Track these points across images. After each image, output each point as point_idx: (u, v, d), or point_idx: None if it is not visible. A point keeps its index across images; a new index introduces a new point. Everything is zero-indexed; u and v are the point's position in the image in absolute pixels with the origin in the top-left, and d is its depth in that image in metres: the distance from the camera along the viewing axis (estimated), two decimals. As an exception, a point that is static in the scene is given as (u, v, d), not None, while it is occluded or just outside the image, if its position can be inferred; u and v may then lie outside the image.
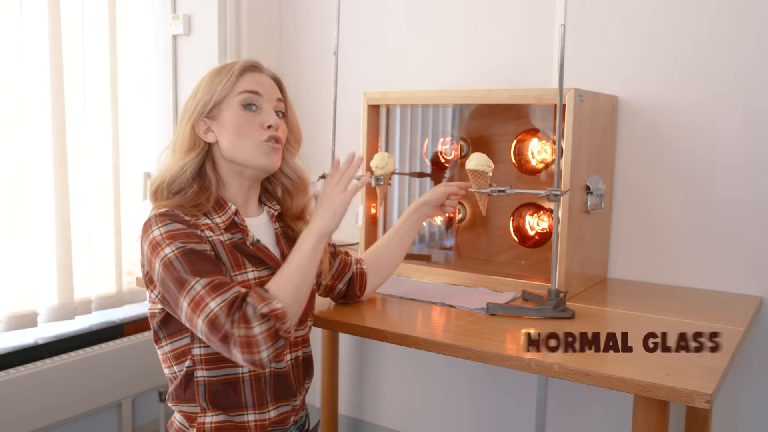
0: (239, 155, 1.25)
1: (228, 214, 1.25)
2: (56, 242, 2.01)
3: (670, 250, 1.87)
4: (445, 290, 1.73)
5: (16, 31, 1.94)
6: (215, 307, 1.08)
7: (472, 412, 2.27)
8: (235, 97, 1.24)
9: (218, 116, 1.25)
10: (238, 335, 1.07)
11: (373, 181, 1.88)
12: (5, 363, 1.98)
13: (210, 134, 1.26)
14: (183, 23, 2.38)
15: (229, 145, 1.25)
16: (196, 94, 1.27)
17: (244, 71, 1.26)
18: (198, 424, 1.22)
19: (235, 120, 1.24)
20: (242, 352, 1.07)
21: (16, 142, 1.97)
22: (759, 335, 1.76)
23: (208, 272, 1.12)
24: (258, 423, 1.23)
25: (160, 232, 1.15)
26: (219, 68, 1.28)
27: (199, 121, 1.25)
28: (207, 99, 1.25)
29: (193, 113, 1.25)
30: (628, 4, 1.88)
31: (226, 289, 1.10)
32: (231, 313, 1.07)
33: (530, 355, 1.25)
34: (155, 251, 1.14)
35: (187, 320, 1.12)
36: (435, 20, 2.22)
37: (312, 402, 2.57)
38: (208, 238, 1.19)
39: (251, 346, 1.07)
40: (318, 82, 2.47)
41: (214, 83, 1.25)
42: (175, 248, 1.13)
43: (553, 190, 1.49)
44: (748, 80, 1.74)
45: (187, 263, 1.12)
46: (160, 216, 1.18)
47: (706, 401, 1.07)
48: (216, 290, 1.09)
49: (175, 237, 1.14)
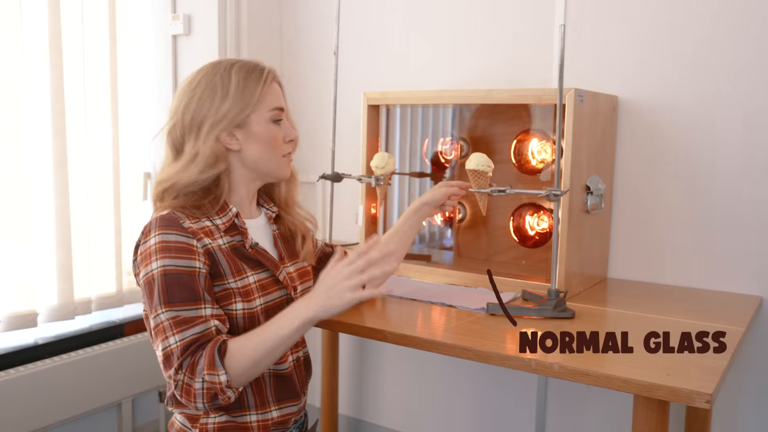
0: (265, 167, 1.27)
1: (229, 216, 1.25)
2: (56, 242, 2.01)
3: (670, 250, 1.87)
4: (445, 290, 1.73)
5: (16, 31, 1.94)
6: (173, 343, 1.10)
7: (472, 412, 2.27)
8: (268, 112, 1.24)
9: (247, 126, 1.23)
10: (181, 380, 1.09)
11: (373, 181, 1.88)
12: (5, 363, 1.98)
13: (235, 142, 1.24)
14: (183, 23, 2.39)
15: (256, 157, 1.25)
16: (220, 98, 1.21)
17: (271, 81, 1.26)
18: (201, 424, 1.21)
19: (268, 134, 1.25)
20: (181, 396, 1.11)
21: (16, 142, 1.97)
22: (759, 335, 1.76)
23: (180, 300, 1.12)
24: (260, 423, 1.23)
25: (155, 240, 1.15)
26: (247, 71, 1.23)
27: (227, 132, 1.22)
28: (240, 108, 1.21)
29: (222, 122, 1.21)
30: (628, 4, 1.88)
31: (188, 326, 1.11)
32: (183, 355, 1.09)
33: (530, 355, 1.25)
34: (144, 261, 1.16)
35: (151, 337, 1.16)
36: (435, 20, 2.22)
37: (312, 402, 2.57)
38: (206, 246, 1.18)
39: (189, 395, 1.10)
40: (318, 82, 2.47)
41: (247, 91, 1.22)
42: (161, 266, 1.13)
43: (553, 190, 1.49)
44: (748, 80, 1.74)
45: (163, 288, 1.12)
46: (161, 220, 1.17)
47: (706, 401, 1.07)
48: (178, 326, 1.11)
49: (165, 250, 1.14)
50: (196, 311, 1.13)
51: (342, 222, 2.38)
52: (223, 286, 1.19)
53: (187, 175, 1.20)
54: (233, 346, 1.11)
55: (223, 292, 1.19)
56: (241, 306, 1.20)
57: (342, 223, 2.39)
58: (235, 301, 1.19)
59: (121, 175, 2.22)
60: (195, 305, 1.13)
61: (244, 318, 1.20)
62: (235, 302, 1.19)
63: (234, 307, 1.19)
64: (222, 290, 1.19)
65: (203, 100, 1.21)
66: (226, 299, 1.19)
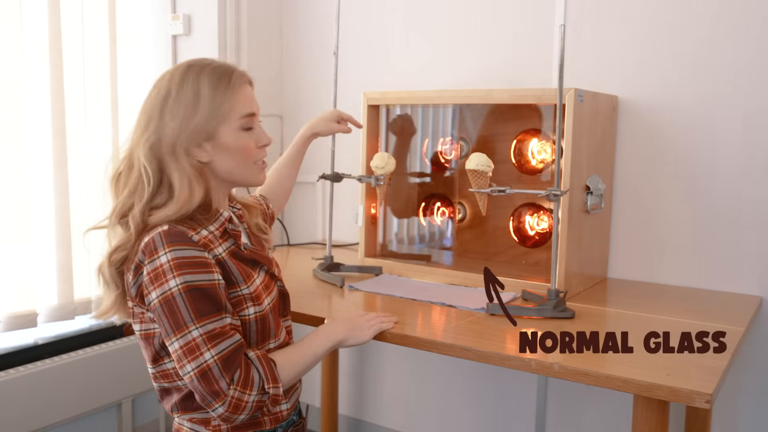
0: (238, 176, 1.23)
1: (221, 221, 1.21)
2: (56, 242, 2.01)
3: (670, 250, 1.87)
4: (445, 290, 1.73)
5: (16, 31, 1.94)
6: (209, 358, 1.07)
7: (472, 412, 2.27)
8: (237, 121, 1.18)
9: (216, 137, 1.17)
10: (232, 395, 1.08)
11: (373, 181, 1.88)
12: (5, 363, 1.98)
13: (204, 155, 1.18)
14: (183, 23, 2.39)
15: (229, 168, 1.20)
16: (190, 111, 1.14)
17: (240, 86, 1.19)
18: (213, 427, 1.19)
19: (238, 145, 1.19)
20: (226, 410, 1.08)
21: (16, 142, 1.97)
22: (759, 335, 1.76)
23: (210, 313, 1.09)
24: (272, 417, 1.23)
25: (167, 258, 1.08)
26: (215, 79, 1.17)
27: (197, 144, 1.16)
28: (208, 120, 1.15)
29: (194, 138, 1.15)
30: (628, 4, 1.88)
31: (224, 338, 1.09)
32: (228, 369, 1.08)
33: (530, 355, 1.25)
34: (158, 281, 1.08)
35: (175, 358, 1.10)
36: (435, 20, 2.22)
37: (312, 402, 2.57)
38: (216, 256, 1.15)
39: (238, 410, 1.09)
40: (318, 82, 2.47)
41: (216, 102, 1.16)
42: (181, 282, 1.08)
43: (553, 190, 1.49)
44: (748, 80, 1.74)
45: (190, 303, 1.08)
46: (167, 236, 1.10)
47: (706, 401, 1.07)
48: (213, 340, 1.08)
49: (183, 267, 1.08)
50: (223, 321, 1.11)
51: (342, 222, 2.38)
52: (235, 293, 1.17)
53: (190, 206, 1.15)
54: (279, 360, 1.17)
55: (235, 299, 1.17)
56: (253, 310, 1.19)
57: (342, 223, 2.39)
58: (247, 306, 1.18)
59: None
60: (219, 316, 1.11)
61: (257, 321, 1.19)
62: (247, 307, 1.18)
63: (247, 312, 1.18)
64: (234, 297, 1.17)
65: (179, 116, 1.15)
66: (239, 306, 1.17)
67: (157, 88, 1.20)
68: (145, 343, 1.19)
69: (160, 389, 1.23)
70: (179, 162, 1.15)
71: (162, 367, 1.19)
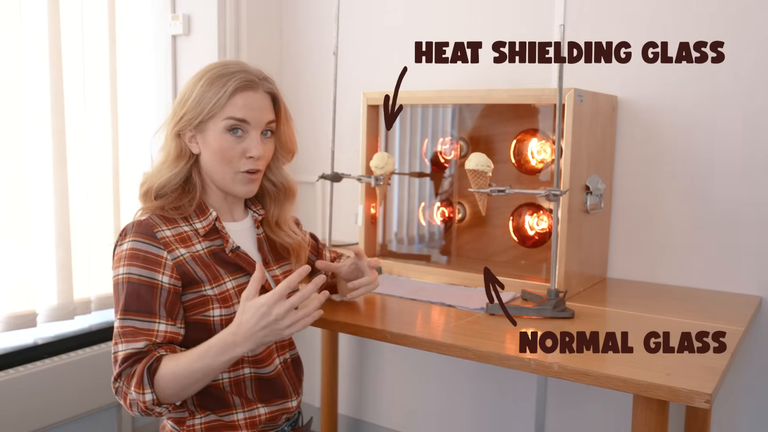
0: (217, 179, 1.25)
1: (209, 220, 1.24)
2: (56, 242, 2.01)
3: (669, 250, 1.87)
4: (445, 290, 1.73)
5: (16, 31, 1.94)
6: (120, 350, 1.13)
7: (472, 412, 2.27)
8: (222, 121, 1.20)
9: (204, 132, 1.23)
10: (120, 387, 1.13)
11: (373, 181, 1.88)
12: (5, 363, 1.98)
13: (195, 145, 1.25)
14: (183, 23, 2.38)
15: (209, 165, 1.25)
16: (184, 102, 1.23)
17: (237, 90, 1.20)
18: (187, 426, 1.21)
19: (219, 144, 1.21)
20: (120, 398, 1.14)
21: (16, 142, 1.97)
22: (759, 335, 1.76)
23: (135, 311, 1.14)
24: (248, 420, 1.23)
25: (127, 246, 1.17)
26: (214, 76, 1.21)
27: (185, 131, 1.24)
28: (195, 113, 1.21)
29: (179, 122, 1.23)
30: (628, 4, 1.88)
31: (133, 339, 1.13)
32: (122, 365, 1.12)
33: (530, 355, 1.25)
34: (115, 264, 1.18)
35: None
36: (435, 20, 2.22)
37: (312, 402, 2.57)
38: (178, 258, 1.18)
39: (125, 402, 1.14)
40: (318, 82, 2.47)
41: (206, 97, 1.20)
42: (126, 273, 1.15)
43: (552, 190, 1.49)
44: (748, 80, 1.74)
45: (125, 294, 1.15)
46: (137, 226, 1.19)
47: (706, 401, 1.07)
48: (125, 336, 1.14)
49: (134, 258, 1.16)
50: (149, 324, 1.14)
51: (342, 222, 2.38)
52: (199, 293, 1.19)
53: (159, 173, 1.25)
54: (164, 369, 1.10)
55: (199, 299, 1.19)
56: (219, 312, 1.19)
57: (342, 223, 2.38)
58: (213, 308, 1.19)
59: (120, 175, 2.22)
60: (150, 318, 1.14)
61: (221, 324, 1.19)
62: (212, 308, 1.19)
63: (211, 313, 1.19)
64: (198, 297, 1.19)
65: (177, 103, 1.25)
66: (203, 305, 1.19)
67: None
68: None
69: None
70: (166, 140, 1.26)
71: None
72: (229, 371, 1.22)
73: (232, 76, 1.21)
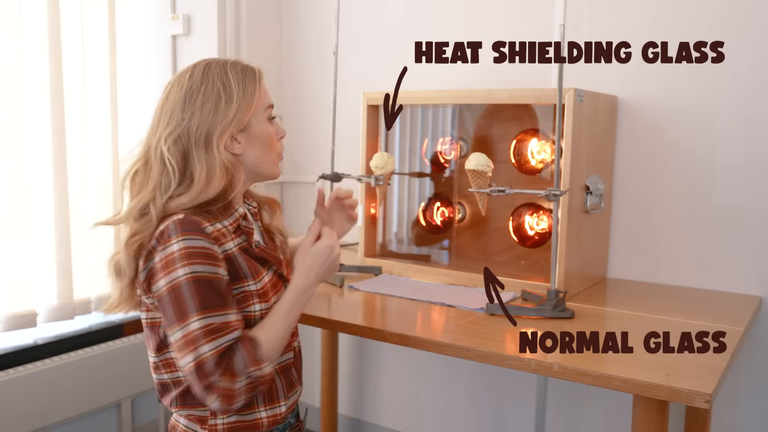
0: (264, 168, 1.25)
1: (235, 216, 1.22)
2: (55, 242, 2.01)
3: (669, 250, 1.87)
4: (445, 290, 1.73)
5: (16, 31, 1.94)
6: (206, 352, 1.07)
7: (472, 412, 2.27)
8: (264, 111, 1.22)
9: (248, 128, 1.20)
10: (221, 386, 1.07)
11: (373, 181, 1.88)
12: (5, 363, 1.98)
13: (237, 146, 1.20)
14: (182, 23, 2.38)
15: (257, 159, 1.23)
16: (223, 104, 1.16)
17: (261, 79, 1.23)
18: (210, 426, 1.20)
19: (266, 134, 1.23)
20: (221, 402, 1.08)
21: (16, 142, 1.97)
22: (759, 335, 1.76)
23: (214, 306, 1.09)
24: (270, 419, 1.23)
25: (179, 246, 1.09)
26: (238, 70, 1.20)
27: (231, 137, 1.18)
28: (243, 112, 1.18)
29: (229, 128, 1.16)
30: (628, 4, 1.88)
31: (222, 334, 1.09)
32: (220, 362, 1.07)
33: (530, 355, 1.25)
34: (167, 268, 1.09)
35: (176, 348, 1.10)
36: (435, 20, 2.22)
37: (312, 402, 2.57)
38: (226, 252, 1.16)
39: (230, 399, 1.09)
40: (318, 82, 2.47)
41: (248, 91, 1.19)
42: (189, 272, 1.08)
43: (552, 190, 1.49)
44: (748, 81, 1.74)
45: (196, 294, 1.08)
46: (182, 224, 1.11)
47: (706, 401, 1.07)
48: (212, 334, 1.08)
49: (192, 256, 1.09)
50: (227, 317, 1.11)
51: (342, 222, 2.38)
52: (241, 289, 1.17)
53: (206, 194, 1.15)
54: (260, 338, 1.14)
55: (241, 295, 1.17)
56: (260, 307, 1.19)
57: (342, 223, 2.38)
58: (254, 303, 1.18)
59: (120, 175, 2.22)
60: (226, 311, 1.11)
61: (261, 318, 1.19)
62: (253, 303, 1.18)
63: (252, 308, 1.18)
64: (240, 293, 1.17)
65: (207, 107, 1.16)
66: (245, 301, 1.17)
67: (177, 87, 1.21)
68: (150, 332, 1.20)
69: (160, 384, 1.24)
70: (210, 153, 1.16)
71: (166, 356, 1.20)
72: None
73: (246, 66, 1.23)
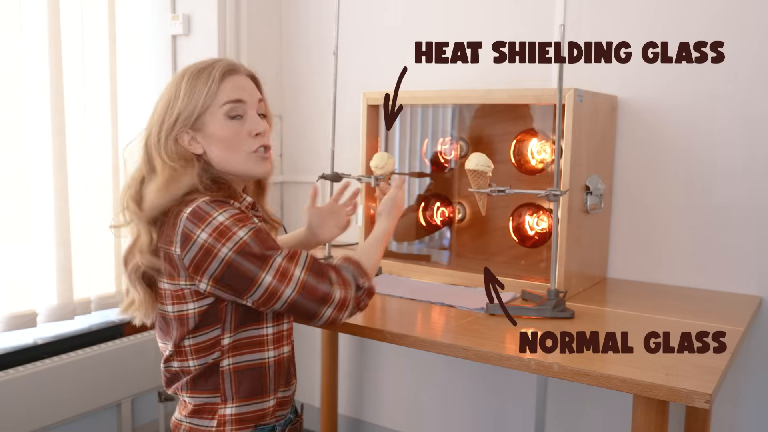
0: (232, 167, 1.23)
1: (245, 203, 1.25)
2: (56, 242, 2.01)
3: (669, 250, 1.87)
4: (445, 290, 1.73)
5: (16, 31, 1.94)
6: (300, 274, 1.15)
7: (472, 412, 2.27)
8: (220, 108, 1.19)
9: (203, 128, 1.20)
10: (336, 295, 1.16)
11: (373, 181, 1.88)
12: (5, 363, 1.98)
13: (197, 146, 1.21)
14: (182, 23, 2.39)
15: (219, 159, 1.22)
16: (172, 104, 1.19)
17: (224, 76, 1.20)
18: (219, 416, 1.20)
19: (223, 133, 1.20)
20: (333, 311, 1.17)
21: (16, 142, 1.97)
22: (759, 335, 1.76)
23: (278, 247, 1.16)
24: (275, 408, 1.25)
25: (224, 217, 1.12)
26: (196, 72, 1.20)
27: (182, 133, 1.19)
28: (190, 110, 1.18)
29: (174, 125, 1.19)
30: (628, 4, 1.88)
31: (298, 256, 1.16)
32: (319, 274, 1.16)
33: (530, 355, 1.25)
34: (224, 236, 1.11)
35: (268, 294, 1.13)
36: (435, 20, 2.22)
37: (312, 402, 2.57)
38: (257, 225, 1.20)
39: (343, 307, 1.18)
40: (318, 82, 2.47)
41: (195, 92, 1.19)
42: (248, 230, 1.13)
43: (552, 190, 1.49)
44: (748, 81, 1.74)
45: (261, 242, 1.13)
46: (213, 202, 1.14)
47: (706, 401, 1.07)
48: (292, 259, 1.15)
49: (242, 219, 1.14)
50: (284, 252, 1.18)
51: (342, 222, 2.38)
52: None
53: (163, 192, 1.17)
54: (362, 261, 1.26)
55: None
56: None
57: (342, 223, 2.38)
58: None
59: (120, 175, 2.22)
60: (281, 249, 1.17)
61: None
62: None
63: None
64: None
65: (162, 108, 1.21)
66: None
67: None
68: (177, 324, 1.19)
69: (168, 373, 1.24)
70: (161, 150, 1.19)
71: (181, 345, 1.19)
72: (274, 349, 1.22)
73: (214, 65, 1.21)
